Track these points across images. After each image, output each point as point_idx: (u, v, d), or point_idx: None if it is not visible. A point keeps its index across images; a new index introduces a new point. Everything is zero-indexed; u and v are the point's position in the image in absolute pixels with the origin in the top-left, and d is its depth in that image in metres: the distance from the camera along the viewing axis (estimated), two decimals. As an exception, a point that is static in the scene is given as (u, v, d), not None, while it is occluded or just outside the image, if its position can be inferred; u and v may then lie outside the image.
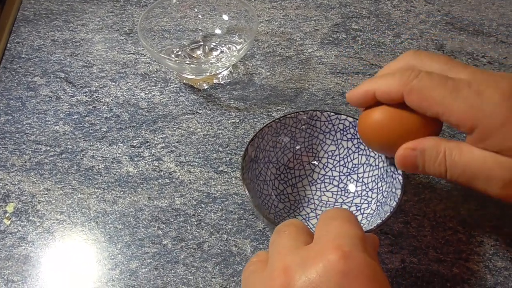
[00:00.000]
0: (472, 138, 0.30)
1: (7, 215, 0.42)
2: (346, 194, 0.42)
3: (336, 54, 0.55)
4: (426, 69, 0.31)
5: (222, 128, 0.48)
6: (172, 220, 0.41)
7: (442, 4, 0.62)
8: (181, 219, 0.42)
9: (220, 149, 0.46)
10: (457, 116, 0.29)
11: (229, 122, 0.49)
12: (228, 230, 0.41)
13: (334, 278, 0.23)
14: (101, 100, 0.51)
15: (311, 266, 0.23)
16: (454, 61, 0.32)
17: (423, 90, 0.30)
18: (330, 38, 0.57)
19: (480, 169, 0.29)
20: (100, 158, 0.46)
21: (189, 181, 0.44)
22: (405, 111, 0.32)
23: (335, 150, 0.43)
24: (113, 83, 0.52)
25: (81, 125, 0.49)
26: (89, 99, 0.51)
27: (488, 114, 0.28)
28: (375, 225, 0.34)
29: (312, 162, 0.44)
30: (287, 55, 0.55)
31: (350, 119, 0.41)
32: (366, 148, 0.42)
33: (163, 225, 0.41)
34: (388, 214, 0.35)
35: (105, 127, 0.48)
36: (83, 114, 0.50)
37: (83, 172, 0.45)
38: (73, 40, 0.57)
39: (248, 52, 0.55)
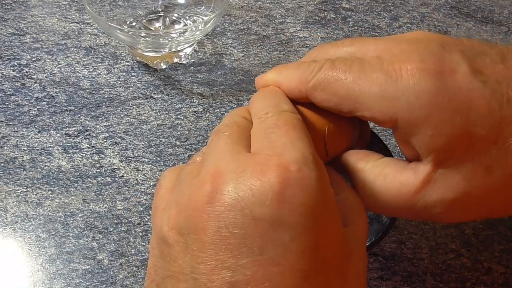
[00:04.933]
0: (398, 137, 0.27)
1: None
2: None
3: (323, 36, 0.56)
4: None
5: (182, 117, 0.47)
6: (111, 229, 0.40)
7: (447, -15, 0.64)
8: (122, 229, 0.40)
9: (178, 143, 0.45)
10: (371, 109, 0.26)
11: (190, 110, 0.48)
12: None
13: (269, 203, 0.21)
14: (33, 76, 0.50)
15: (246, 179, 0.22)
16: (360, 39, 0.30)
17: (326, 85, 0.27)
18: (316, 17, 0.57)
19: (412, 199, 0.26)
20: (25, 148, 0.44)
21: (135, 181, 0.43)
22: (312, 110, 0.29)
23: None
24: (50, 57, 0.51)
25: (4, 106, 0.47)
26: (17, 75, 0.50)
27: (405, 105, 0.25)
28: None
29: None
30: (265, 34, 0.55)
31: None
32: None
33: (99, 235, 0.39)
34: (379, 235, 0.33)
35: (35, 109, 0.47)
36: (8, 93, 0.48)
37: (2, 164, 0.43)
38: (3, 2, 0.56)
39: (218, 29, 0.55)
